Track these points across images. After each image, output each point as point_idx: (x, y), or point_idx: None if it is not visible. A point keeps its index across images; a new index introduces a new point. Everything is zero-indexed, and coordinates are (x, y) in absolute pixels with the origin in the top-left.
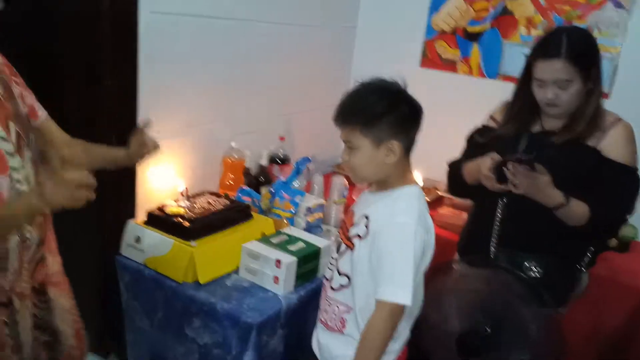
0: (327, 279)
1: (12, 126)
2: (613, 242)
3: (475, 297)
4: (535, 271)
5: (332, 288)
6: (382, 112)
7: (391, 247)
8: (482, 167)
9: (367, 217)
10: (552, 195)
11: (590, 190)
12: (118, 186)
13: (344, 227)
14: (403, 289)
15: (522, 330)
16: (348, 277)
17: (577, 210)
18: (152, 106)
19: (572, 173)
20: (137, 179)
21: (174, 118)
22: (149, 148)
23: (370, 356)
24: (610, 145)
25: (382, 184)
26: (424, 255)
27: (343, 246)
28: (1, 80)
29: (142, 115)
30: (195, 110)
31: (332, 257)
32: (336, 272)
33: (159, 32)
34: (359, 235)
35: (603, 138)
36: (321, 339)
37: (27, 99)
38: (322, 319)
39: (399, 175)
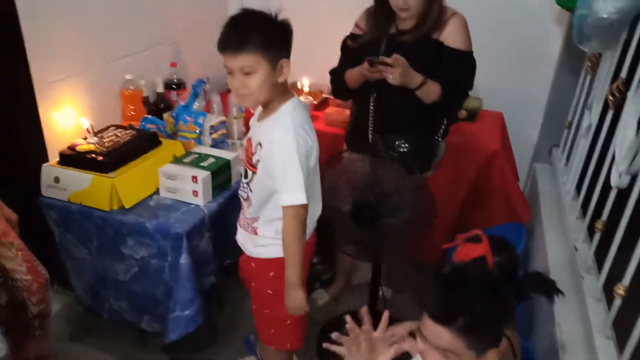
0: (244, 199)
1: None
2: (463, 114)
3: (361, 177)
4: (403, 147)
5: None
6: (277, 33)
7: (278, 160)
8: (363, 69)
9: (260, 145)
10: (415, 75)
11: (438, 74)
12: (25, 134)
13: (247, 156)
14: (297, 191)
15: (401, 197)
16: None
17: (433, 87)
18: (39, 50)
19: (423, 62)
20: (41, 124)
21: (64, 58)
22: None
23: (296, 253)
24: (449, 36)
25: (268, 107)
26: (310, 156)
27: (250, 172)
28: None
29: (31, 61)
30: (85, 47)
31: (243, 181)
32: (249, 192)
33: None
34: (258, 161)
35: (443, 31)
36: (240, 237)
37: None
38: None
39: (282, 93)
